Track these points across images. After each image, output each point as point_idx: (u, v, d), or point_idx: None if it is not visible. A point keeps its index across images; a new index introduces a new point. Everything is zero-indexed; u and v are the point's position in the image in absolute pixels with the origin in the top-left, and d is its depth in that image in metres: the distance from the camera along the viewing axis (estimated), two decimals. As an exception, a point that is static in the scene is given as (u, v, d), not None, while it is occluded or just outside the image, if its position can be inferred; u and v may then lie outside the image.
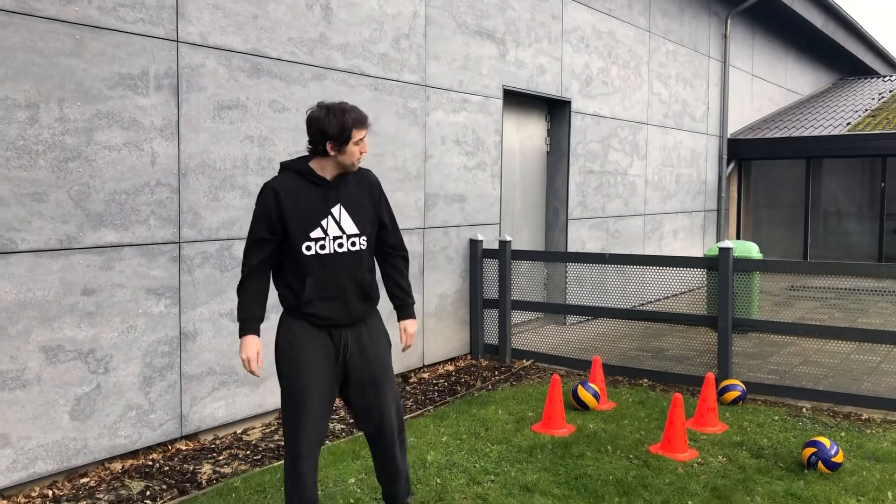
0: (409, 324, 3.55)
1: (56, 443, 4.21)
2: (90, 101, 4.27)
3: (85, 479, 4.34)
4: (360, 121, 3.20)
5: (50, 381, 4.16)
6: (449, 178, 6.94)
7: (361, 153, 3.25)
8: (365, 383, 3.34)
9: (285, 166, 3.27)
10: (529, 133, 8.58)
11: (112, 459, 4.52)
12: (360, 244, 3.28)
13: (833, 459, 4.37)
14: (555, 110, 8.81)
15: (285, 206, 3.15)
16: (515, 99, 8.12)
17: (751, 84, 14.07)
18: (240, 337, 3.27)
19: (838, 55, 17.89)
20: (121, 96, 4.41)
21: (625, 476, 4.34)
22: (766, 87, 14.85)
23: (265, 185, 3.20)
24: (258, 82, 5.17)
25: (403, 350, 3.65)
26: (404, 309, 3.55)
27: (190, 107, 4.77)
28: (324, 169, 3.23)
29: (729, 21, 12.51)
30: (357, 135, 3.19)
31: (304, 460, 3.23)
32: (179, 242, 4.76)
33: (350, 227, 3.27)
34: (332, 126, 3.12)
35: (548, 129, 8.86)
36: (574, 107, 8.77)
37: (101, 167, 4.34)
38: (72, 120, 4.19)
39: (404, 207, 6.43)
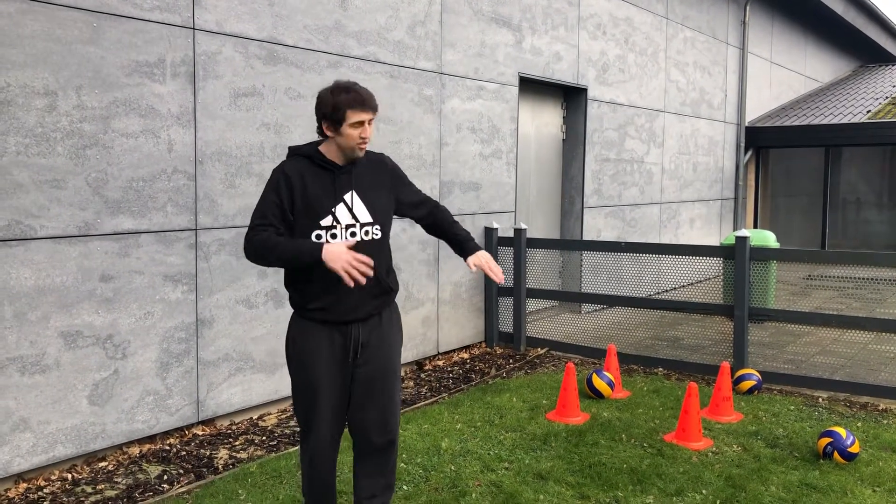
0: (482, 254, 3.20)
1: (75, 427, 4.26)
2: (108, 89, 4.29)
3: (103, 463, 4.39)
4: (358, 102, 2.92)
5: (69, 366, 4.21)
6: (464, 165, 6.93)
7: (363, 139, 2.98)
8: (372, 377, 3.14)
9: (294, 150, 3.07)
10: (545, 121, 8.54)
11: (130, 444, 4.57)
12: (373, 233, 3.06)
13: (849, 449, 4.35)
14: (571, 98, 8.77)
15: (296, 191, 2.96)
16: (531, 86, 8.08)
17: (769, 71, 13.93)
18: (316, 258, 2.84)
19: (858, 42, 17.66)
20: (138, 84, 4.43)
21: (639, 464, 4.34)
22: (785, 74, 14.70)
23: (275, 170, 3.03)
24: (274, 70, 5.18)
25: (500, 282, 3.22)
26: (468, 243, 3.26)
27: (206, 94, 4.79)
28: (332, 153, 3.03)
29: (748, 7, 12.37)
30: (353, 116, 2.92)
31: (321, 461, 3.14)
32: (196, 229, 4.79)
33: (364, 215, 3.04)
34: (326, 104, 2.92)
35: (564, 117, 8.82)
36: (590, 94, 8.72)
37: (119, 154, 4.37)
38: (89, 107, 4.22)
39: (419, 195, 6.43)
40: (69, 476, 4.21)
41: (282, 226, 2.97)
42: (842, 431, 4.41)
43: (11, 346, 3.97)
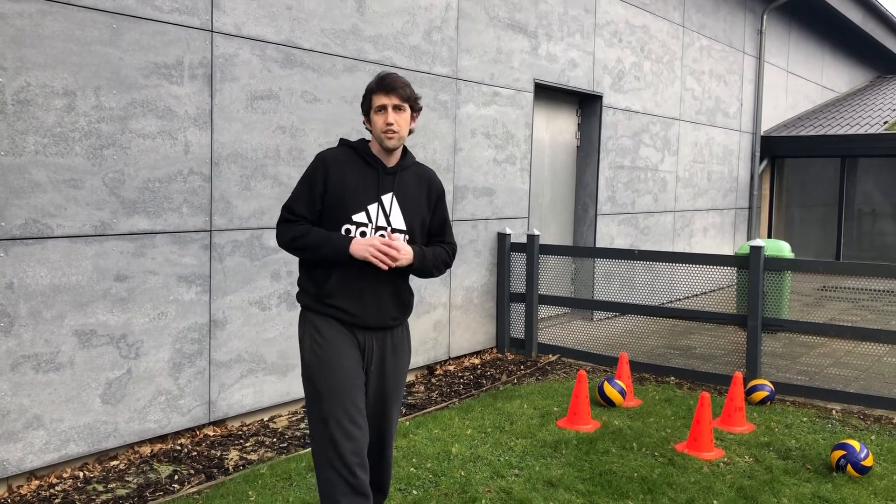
0: (400, 242, 2.88)
1: (87, 425, 4.29)
2: (126, 90, 4.32)
3: (115, 462, 4.41)
4: (381, 85, 2.83)
5: (82, 364, 4.24)
6: (478, 171, 6.94)
7: (388, 125, 2.84)
8: (375, 398, 2.99)
9: (343, 141, 3.00)
10: (560, 127, 8.54)
11: (141, 443, 4.59)
12: None
13: (863, 463, 4.31)
14: (586, 105, 8.76)
15: (332, 179, 2.86)
16: (546, 93, 8.08)
17: (786, 80, 13.87)
18: (346, 252, 2.80)
19: (876, 52, 17.55)
20: (156, 85, 4.46)
21: (650, 474, 4.32)
22: (801, 83, 14.63)
23: (317, 155, 2.93)
24: (291, 73, 5.20)
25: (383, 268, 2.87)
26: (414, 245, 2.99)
27: (223, 96, 4.82)
28: (377, 150, 2.95)
29: (765, 16, 12.32)
30: (376, 100, 2.84)
31: (360, 465, 2.81)
32: (211, 231, 4.81)
33: (398, 221, 2.93)
34: (364, 95, 2.92)
35: (578, 124, 8.81)
36: (605, 101, 8.70)
37: (136, 155, 4.39)
38: (107, 108, 4.25)
39: (433, 200, 6.44)
40: (81, 474, 4.23)
41: (312, 217, 2.90)
42: (855, 444, 4.37)
43: (26, 344, 4.00)
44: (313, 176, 2.90)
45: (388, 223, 2.92)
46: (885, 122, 13.10)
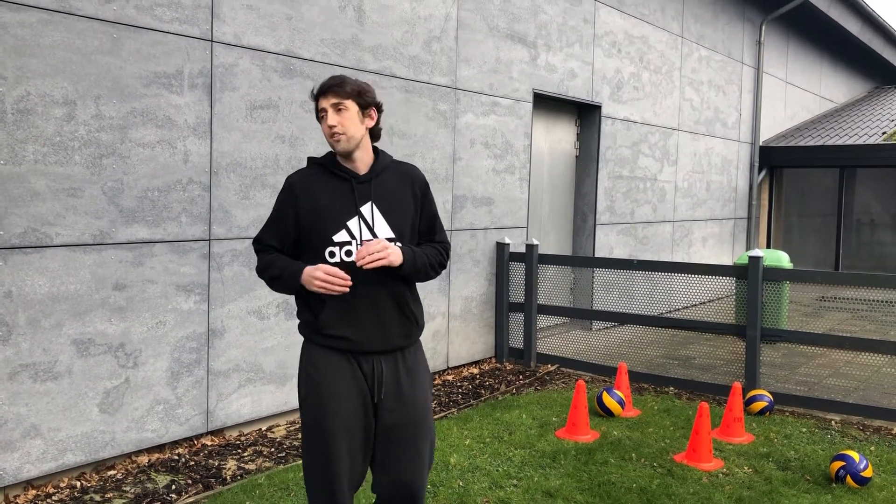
0: (382, 245, 2.58)
1: (85, 435, 4.28)
2: (125, 99, 4.33)
3: (112, 472, 4.40)
4: (318, 89, 2.65)
5: (80, 373, 4.23)
6: (477, 180, 6.94)
7: (330, 128, 2.62)
8: (397, 432, 2.69)
9: (310, 159, 2.78)
10: (559, 137, 8.55)
11: (139, 453, 4.58)
12: None
13: (862, 474, 4.30)
14: (585, 115, 8.78)
15: (302, 204, 2.66)
16: (545, 103, 8.10)
17: (784, 91, 13.91)
18: (297, 283, 2.64)
19: (874, 63, 17.61)
20: (155, 94, 4.47)
21: (648, 484, 4.31)
22: (799, 94, 14.67)
23: (286, 178, 2.74)
24: (290, 83, 5.22)
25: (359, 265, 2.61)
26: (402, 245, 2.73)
27: (223, 106, 4.83)
28: (347, 162, 2.71)
29: (763, 27, 12.37)
30: (318, 107, 2.66)
31: None
32: (210, 240, 4.81)
33: (384, 230, 2.69)
34: None
35: (577, 134, 8.83)
36: (604, 111, 8.72)
37: (135, 164, 4.40)
38: (107, 117, 4.26)
39: (432, 209, 6.44)
40: (78, 484, 4.22)
41: (282, 246, 2.73)
42: (855, 455, 4.36)
43: (24, 352, 3.99)
44: (282, 203, 2.71)
45: (374, 235, 2.67)
46: (884, 133, 13.13)
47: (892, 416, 5.54)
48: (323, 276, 2.55)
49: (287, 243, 2.74)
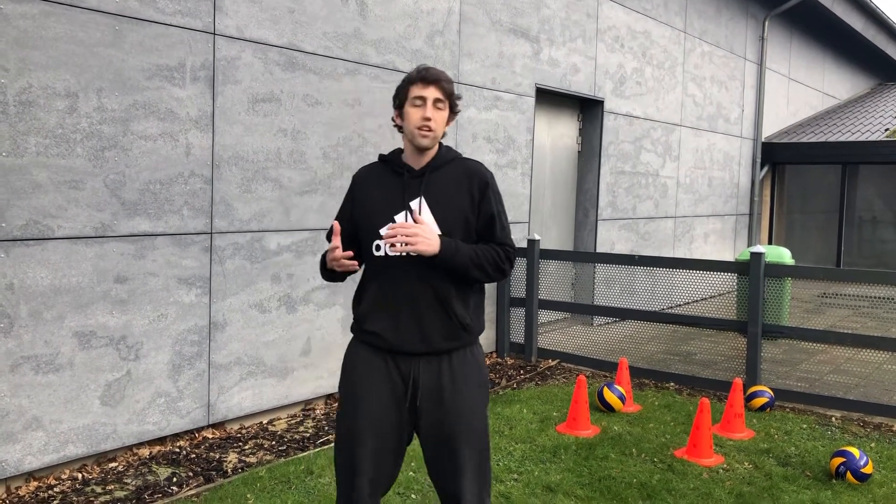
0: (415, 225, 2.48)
1: (86, 427, 4.28)
2: (128, 92, 4.33)
3: (113, 464, 4.41)
4: (421, 77, 2.53)
5: (82, 366, 4.23)
6: (479, 175, 6.93)
7: (425, 120, 2.52)
8: (437, 442, 2.58)
9: (380, 156, 2.74)
10: (561, 132, 8.54)
11: (140, 445, 4.59)
12: None
13: (862, 470, 4.31)
14: (587, 110, 8.76)
15: (357, 199, 2.67)
16: (548, 97, 8.08)
17: (787, 87, 13.88)
18: (325, 269, 2.67)
19: (878, 59, 17.56)
20: (157, 87, 4.46)
21: (649, 479, 4.31)
22: (802, 90, 14.64)
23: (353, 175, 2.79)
24: (293, 76, 5.21)
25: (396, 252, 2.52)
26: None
27: (225, 99, 4.82)
28: (409, 154, 2.65)
29: (767, 23, 12.34)
30: (415, 90, 2.54)
31: None
32: (211, 233, 4.81)
33: (431, 225, 2.56)
34: (397, 88, 2.62)
35: (579, 129, 8.82)
36: (607, 107, 8.71)
37: (137, 157, 4.40)
38: (109, 109, 4.25)
39: (434, 204, 6.44)
40: (79, 476, 4.23)
41: (346, 240, 2.66)
42: (855, 451, 4.36)
43: (26, 345, 4.00)
44: (345, 197, 2.76)
45: None
46: (887, 130, 13.11)
47: (892, 413, 5.54)
48: (331, 255, 2.54)
49: (349, 238, 2.70)
